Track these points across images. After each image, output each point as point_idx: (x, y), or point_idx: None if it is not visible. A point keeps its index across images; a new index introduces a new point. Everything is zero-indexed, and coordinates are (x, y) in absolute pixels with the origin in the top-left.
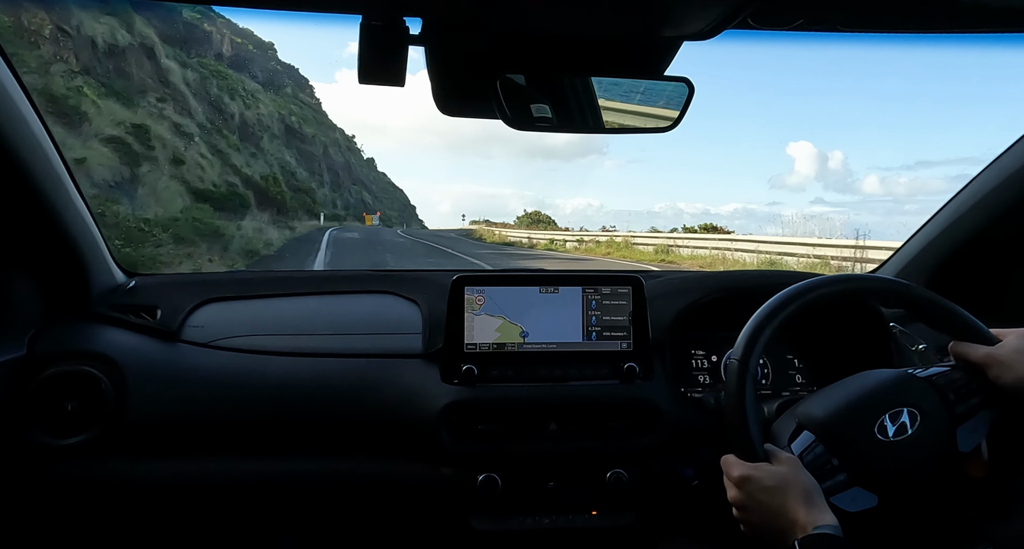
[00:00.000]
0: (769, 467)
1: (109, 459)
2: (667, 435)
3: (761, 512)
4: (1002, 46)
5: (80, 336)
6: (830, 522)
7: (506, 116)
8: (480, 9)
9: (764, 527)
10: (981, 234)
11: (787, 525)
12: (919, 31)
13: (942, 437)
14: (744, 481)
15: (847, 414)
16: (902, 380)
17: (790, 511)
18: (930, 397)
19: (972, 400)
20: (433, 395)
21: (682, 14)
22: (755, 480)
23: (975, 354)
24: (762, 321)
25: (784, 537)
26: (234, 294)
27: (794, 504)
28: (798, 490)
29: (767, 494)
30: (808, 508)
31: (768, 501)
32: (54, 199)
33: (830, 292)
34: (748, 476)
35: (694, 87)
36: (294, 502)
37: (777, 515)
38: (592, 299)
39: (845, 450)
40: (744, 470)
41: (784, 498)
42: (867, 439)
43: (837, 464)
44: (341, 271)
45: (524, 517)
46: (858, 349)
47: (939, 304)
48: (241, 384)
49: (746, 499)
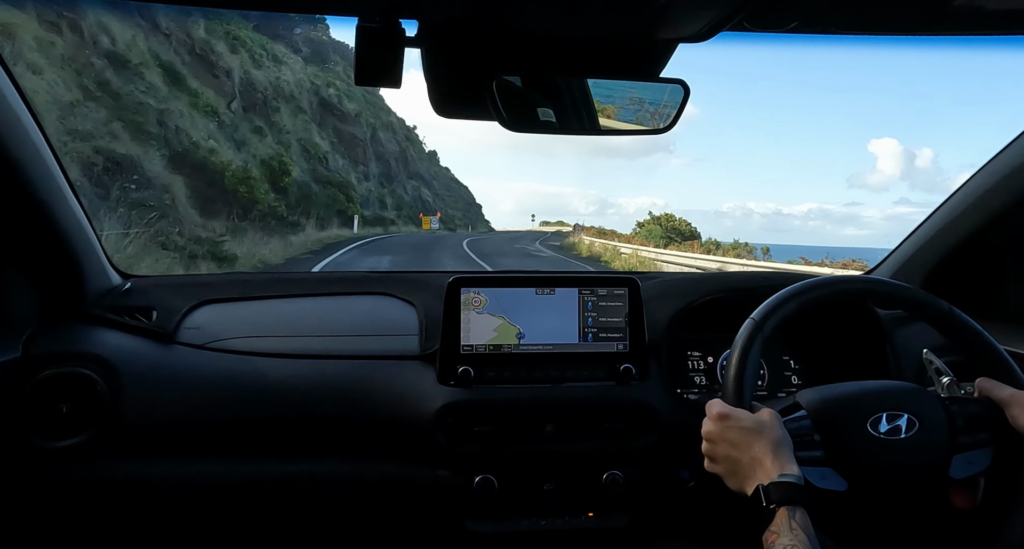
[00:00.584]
0: (749, 413)
1: (104, 461)
2: (663, 436)
3: (731, 449)
4: (1000, 48)
5: (75, 338)
6: (795, 473)
7: (502, 118)
8: (476, 11)
9: (728, 464)
10: (977, 235)
11: (753, 467)
12: (912, 33)
13: (935, 456)
14: (723, 417)
15: (846, 402)
16: (915, 391)
17: (758, 454)
18: (937, 414)
19: (980, 434)
20: (429, 396)
21: (678, 16)
22: (733, 418)
23: (1000, 392)
24: (797, 291)
25: (746, 479)
26: (230, 296)
27: (764, 449)
28: (771, 438)
29: (741, 433)
30: (776, 456)
31: (740, 439)
32: (49, 200)
33: (869, 290)
34: (728, 413)
35: (689, 89)
36: (290, 504)
37: (745, 455)
38: (588, 300)
39: (830, 431)
40: (725, 408)
41: (756, 441)
42: (856, 427)
43: (818, 440)
44: (337, 273)
45: (520, 519)
46: (854, 351)
47: (980, 336)
48: (237, 386)
49: (719, 434)
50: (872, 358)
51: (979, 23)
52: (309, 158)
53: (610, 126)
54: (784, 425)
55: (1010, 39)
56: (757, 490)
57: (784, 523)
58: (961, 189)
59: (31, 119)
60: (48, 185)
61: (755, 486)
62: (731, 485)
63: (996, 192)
